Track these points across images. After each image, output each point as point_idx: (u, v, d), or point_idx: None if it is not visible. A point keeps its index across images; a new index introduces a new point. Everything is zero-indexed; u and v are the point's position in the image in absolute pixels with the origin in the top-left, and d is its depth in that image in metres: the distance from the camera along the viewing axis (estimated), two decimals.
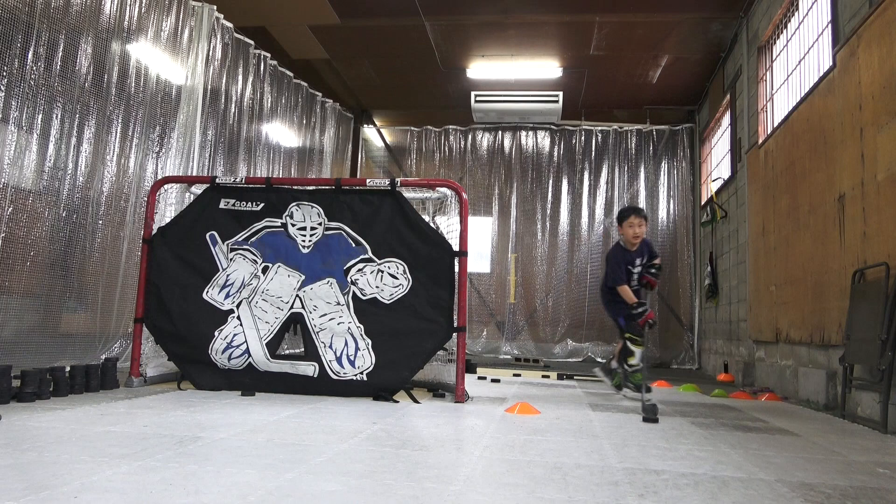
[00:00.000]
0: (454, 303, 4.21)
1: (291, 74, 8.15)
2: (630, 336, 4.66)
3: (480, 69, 8.86)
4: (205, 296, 4.35)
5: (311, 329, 4.24)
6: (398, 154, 11.22)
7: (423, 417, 3.44)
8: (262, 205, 4.45)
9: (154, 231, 4.53)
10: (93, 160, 5.07)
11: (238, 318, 4.29)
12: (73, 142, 4.88)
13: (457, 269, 4.24)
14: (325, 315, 4.25)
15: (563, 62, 8.63)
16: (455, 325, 4.19)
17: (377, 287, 4.25)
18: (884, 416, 3.53)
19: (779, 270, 5.82)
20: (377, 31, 8.00)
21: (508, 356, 9.88)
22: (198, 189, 4.73)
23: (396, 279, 4.25)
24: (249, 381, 4.20)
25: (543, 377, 6.57)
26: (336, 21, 7.68)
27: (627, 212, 4.90)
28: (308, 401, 3.88)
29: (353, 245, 4.32)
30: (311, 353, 4.20)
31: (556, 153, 10.60)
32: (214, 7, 6.14)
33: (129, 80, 5.40)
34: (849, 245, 4.37)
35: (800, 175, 5.35)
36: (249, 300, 4.32)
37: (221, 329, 4.28)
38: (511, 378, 6.20)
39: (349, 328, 4.20)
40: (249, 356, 4.22)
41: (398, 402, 3.95)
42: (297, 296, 4.30)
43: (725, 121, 8.47)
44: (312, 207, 4.40)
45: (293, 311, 4.29)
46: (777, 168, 5.95)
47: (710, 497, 2.00)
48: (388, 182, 4.35)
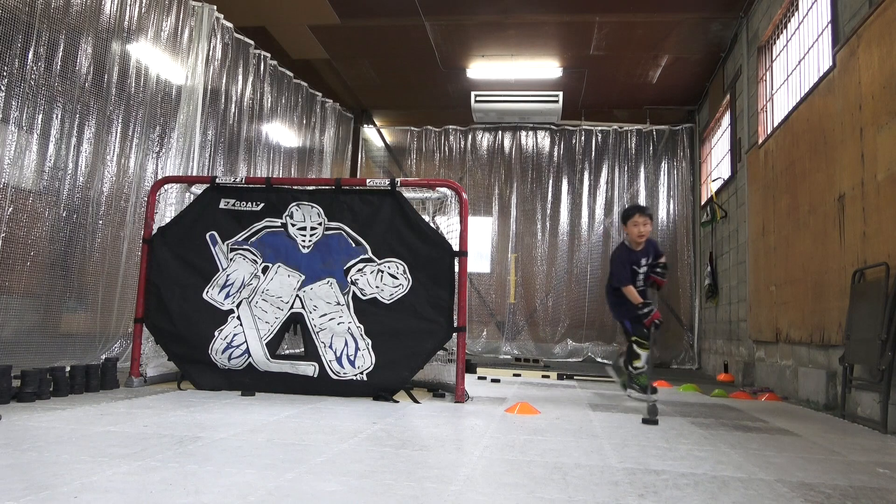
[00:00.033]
0: (454, 303, 4.21)
1: (291, 74, 8.15)
2: (636, 339, 4.63)
3: (480, 69, 8.86)
4: (205, 296, 4.35)
5: (311, 329, 4.24)
6: (398, 154, 11.22)
7: (423, 417, 3.44)
8: (262, 205, 4.45)
9: (154, 231, 4.53)
10: (93, 160, 5.07)
11: (238, 318, 4.29)
12: (74, 142, 4.88)
13: (457, 269, 4.24)
14: (325, 315, 4.25)
15: (563, 62, 8.63)
16: (455, 325, 4.19)
17: (377, 287, 4.25)
18: (884, 416, 3.53)
19: (779, 270, 5.82)
20: (377, 31, 8.00)
21: (508, 356, 9.88)
22: (198, 189, 4.73)
23: (396, 279, 4.25)
24: (249, 381, 4.20)
25: (543, 377, 6.58)
26: (336, 21, 7.68)
27: (632, 210, 4.81)
28: (308, 401, 3.88)
29: (353, 245, 4.32)
30: (311, 353, 4.20)
31: (556, 153, 10.60)
32: (214, 7, 6.14)
33: (129, 80, 5.39)
34: (849, 245, 4.37)
35: (800, 175, 5.35)
36: (249, 300, 4.32)
37: (221, 329, 4.28)
38: (511, 378, 6.21)
39: (349, 328, 4.20)
40: (249, 356, 4.23)
41: (398, 402, 3.95)
42: (297, 296, 4.30)
43: (725, 121, 8.47)
44: (312, 207, 4.40)
45: (293, 311, 4.29)
46: (777, 168, 5.95)
47: (710, 497, 2.01)
48: (388, 182, 4.35)
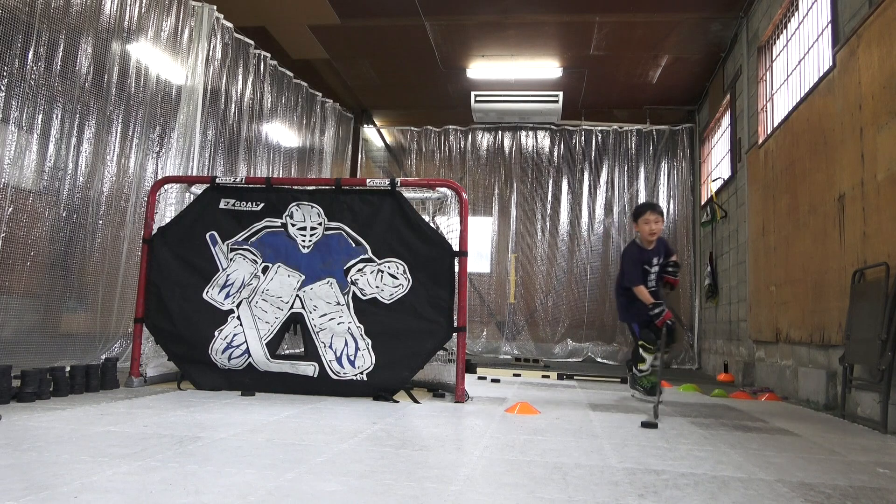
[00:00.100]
0: (454, 303, 4.21)
1: (291, 74, 8.15)
2: (643, 343, 4.58)
3: (480, 69, 8.86)
4: (205, 296, 4.35)
5: (311, 329, 4.24)
6: (398, 154, 11.22)
7: (423, 417, 3.44)
8: (262, 205, 4.45)
9: (154, 231, 4.53)
10: (93, 160, 5.07)
11: (238, 318, 4.29)
12: (74, 142, 4.88)
13: (457, 269, 4.24)
14: (325, 315, 4.25)
15: (563, 62, 8.63)
16: (455, 325, 4.19)
17: (377, 287, 4.25)
18: (884, 416, 3.53)
19: (779, 270, 5.82)
20: (377, 31, 8.00)
21: (508, 356, 9.88)
22: (198, 189, 4.73)
23: (396, 279, 4.25)
24: (249, 381, 4.20)
25: (543, 377, 6.57)
26: (336, 21, 7.68)
27: (643, 208, 4.68)
28: (308, 401, 3.88)
29: (353, 245, 4.32)
30: (311, 353, 4.20)
31: (556, 153, 10.60)
32: (214, 7, 6.14)
33: (129, 80, 5.39)
34: (849, 245, 4.37)
35: (800, 175, 5.35)
36: (249, 300, 4.32)
37: (221, 329, 4.28)
38: (511, 378, 6.20)
39: (349, 328, 4.20)
40: (249, 356, 4.22)
41: (398, 402, 3.95)
42: (297, 296, 4.30)
43: (725, 121, 8.47)
44: (312, 207, 4.40)
45: (293, 311, 4.29)
46: (777, 168, 5.95)
47: (710, 497, 2.01)
48: (388, 182, 4.35)
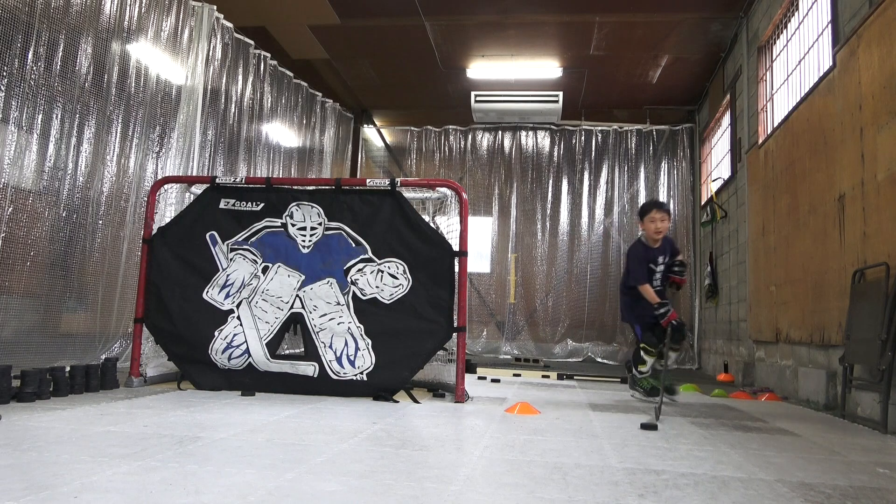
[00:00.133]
0: (454, 303, 4.21)
1: (291, 74, 8.15)
2: (644, 346, 4.56)
3: (480, 69, 8.85)
4: (205, 296, 4.35)
5: (311, 329, 4.24)
6: (398, 154, 11.22)
7: (423, 417, 3.44)
8: (262, 205, 4.45)
9: (154, 231, 4.53)
10: (93, 160, 5.07)
11: (238, 318, 4.29)
12: (73, 142, 4.88)
13: (457, 269, 4.24)
14: (325, 315, 4.25)
15: (563, 62, 8.62)
16: (455, 325, 4.19)
17: (377, 287, 4.25)
18: (884, 416, 3.53)
19: (779, 270, 5.82)
20: (377, 31, 8.00)
21: (508, 356, 9.88)
22: (198, 189, 4.73)
23: (396, 279, 4.25)
24: (249, 381, 4.20)
25: (543, 377, 6.57)
26: (336, 21, 7.68)
27: (649, 206, 4.61)
28: (308, 401, 3.88)
29: (353, 245, 4.32)
30: (311, 353, 4.20)
31: (556, 153, 10.60)
32: (214, 7, 6.14)
33: (129, 81, 5.39)
34: (849, 245, 4.37)
35: (800, 175, 5.35)
36: (249, 300, 4.32)
37: (221, 329, 4.28)
38: (511, 378, 6.20)
39: (349, 328, 4.20)
40: (249, 356, 4.22)
41: (398, 402, 3.95)
42: (297, 296, 4.30)
43: (725, 121, 8.47)
44: (312, 207, 4.40)
45: (293, 311, 4.29)
46: (777, 168, 5.95)
47: (710, 497, 2.01)
48: (388, 182, 4.35)
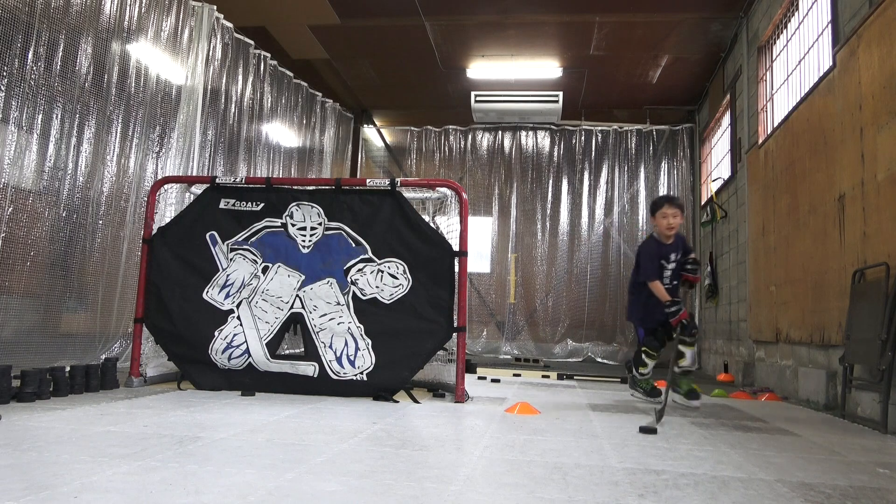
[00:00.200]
0: (454, 303, 4.21)
1: (291, 74, 8.15)
2: (646, 349, 4.50)
3: (480, 69, 8.85)
4: (205, 296, 4.35)
5: (311, 329, 4.24)
6: (398, 154, 11.22)
7: (423, 417, 3.44)
8: (262, 205, 4.45)
9: (154, 231, 4.53)
10: (93, 160, 5.07)
11: (238, 318, 4.29)
12: (73, 142, 4.88)
13: (457, 269, 4.24)
14: (325, 315, 4.25)
15: (563, 62, 8.62)
16: (455, 325, 4.19)
17: (377, 287, 4.25)
18: (884, 416, 3.53)
19: (779, 270, 5.82)
20: (377, 31, 8.00)
21: (508, 356, 9.88)
22: (198, 189, 4.73)
23: (396, 279, 4.25)
24: (249, 381, 4.20)
25: (543, 377, 6.57)
26: (336, 21, 7.68)
27: (661, 201, 4.47)
28: (308, 401, 3.88)
29: (353, 245, 4.32)
30: (311, 353, 4.20)
31: (556, 153, 10.60)
32: (214, 7, 6.14)
33: (129, 80, 5.39)
34: (849, 245, 4.37)
35: (800, 175, 5.35)
36: (249, 300, 4.32)
37: (221, 329, 4.28)
38: (511, 378, 6.20)
39: (349, 328, 4.20)
40: (249, 356, 4.22)
41: (398, 402, 3.95)
42: (297, 296, 4.30)
43: (725, 121, 8.47)
44: (312, 207, 4.40)
45: (293, 311, 4.29)
46: (777, 168, 5.95)
47: (710, 497, 2.00)
48: (388, 182, 4.35)
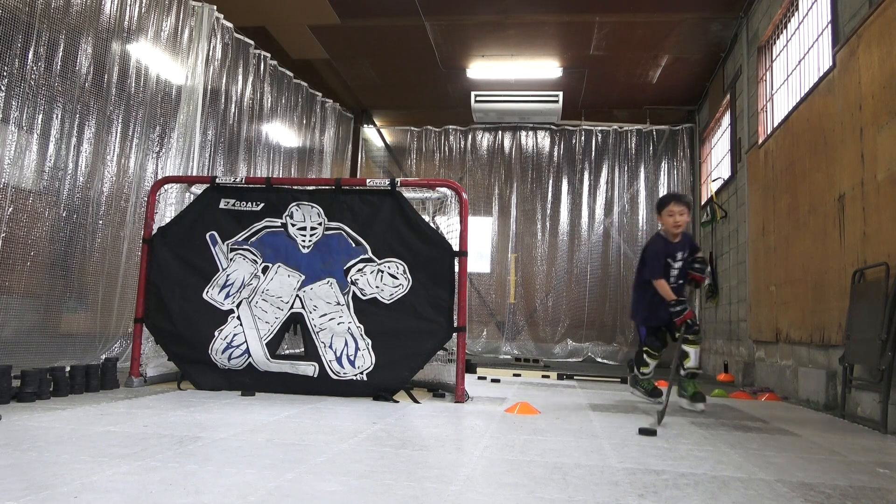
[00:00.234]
0: (454, 303, 4.21)
1: (291, 74, 8.15)
2: (647, 350, 4.47)
3: (480, 69, 8.85)
4: (205, 296, 4.35)
5: (311, 329, 4.24)
6: (398, 154, 11.22)
7: (423, 417, 3.44)
8: (262, 205, 4.45)
9: (154, 231, 4.53)
10: (93, 160, 5.07)
11: (238, 318, 4.29)
12: (74, 142, 4.88)
13: (457, 269, 4.24)
14: (325, 315, 4.25)
15: (563, 62, 8.62)
16: (455, 325, 4.19)
17: (377, 287, 4.25)
18: (884, 416, 3.53)
19: (779, 270, 5.82)
20: (377, 31, 8.00)
21: (508, 356, 9.88)
22: (198, 189, 4.73)
23: (396, 279, 4.25)
24: (249, 381, 4.20)
25: (543, 377, 6.57)
26: (336, 21, 7.68)
27: (668, 199, 4.41)
28: (308, 401, 3.88)
29: (353, 245, 4.32)
30: (311, 353, 4.20)
31: (556, 153, 10.60)
32: (214, 7, 6.14)
33: (130, 81, 5.39)
34: (849, 245, 4.37)
35: (800, 175, 5.35)
36: (249, 300, 4.32)
37: (221, 329, 4.28)
38: (511, 378, 6.20)
39: (349, 328, 4.20)
40: (249, 356, 4.22)
41: (398, 402, 3.95)
42: (297, 296, 4.30)
43: (725, 121, 8.47)
44: (312, 207, 4.40)
45: (293, 311, 4.29)
46: (777, 168, 5.95)
47: (710, 497, 2.01)
48: (388, 182, 4.35)
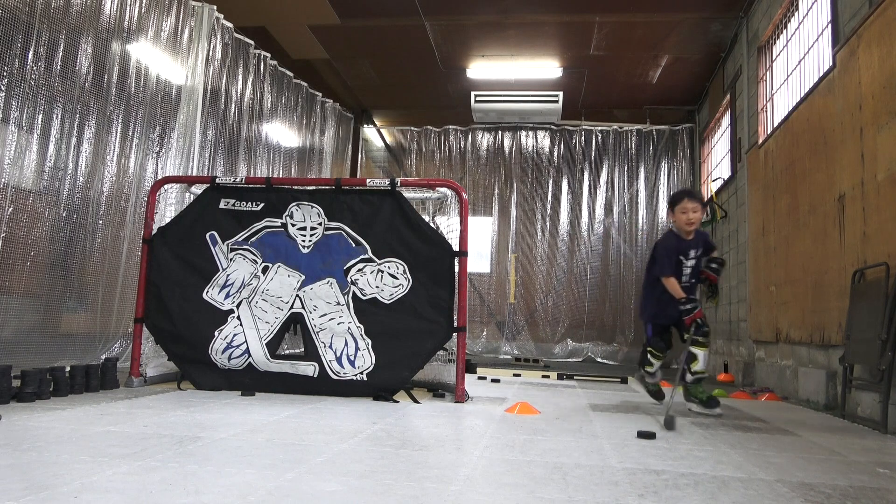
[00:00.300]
0: (454, 303, 4.21)
1: (291, 74, 8.15)
2: (651, 350, 4.45)
3: (480, 69, 8.85)
4: (205, 296, 4.35)
5: (311, 329, 4.24)
6: (398, 154, 11.22)
7: (423, 417, 3.44)
8: (262, 205, 4.45)
9: (154, 231, 4.53)
10: (93, 160, 5.07)
11: (238, 318, 4.29)
12: (74, 142, 4.88)
13: (457, 269, 4.24)
14: (325, 315, 4.25)
15: (563, 62, 8.62)
16: (455, 325, 4.19)
17: (377, 287, 4.25)
18: (884, 416, 3.53)
19: (779, 270, 5.82)
20: (377, 31, 8.00)
21: (508, 356, 9.88)
22: (198, 189, 4.73)
23: (396, 279, 4.25)
24: (249, 381, 4.20)
25: (543, 377, 6.57)
26: (336, 21, 7.68)
27: (680, 195, 4.31)
28: (308, 401, 3.88)
29: (353, 245, 4.32)
30: (311, 353, 4.20)
31: (556, 153, 10.60)
32: (214, 7, 6.14)
33: (129, 81, 5.39)
34: (849, 245, 4.37)
35: (800, 175, 5.35)
36: (249, 300, 4.32)
37: (221, 329, 4.28)
38: (511, 378, 6.20)
39: (349, 328, 4.20)
40: (249, 356, 4.22)
41: (398, 402, 3.95)
42: (297, 296, 4.30)
43: (725, 121, 8.47)
44: (312, 207, 4.40)
45: (293, 311, 4.29)
46: (777, 168, 5.95)
47: (710, 497, 2.01)
48: (388, 182, 4.35)
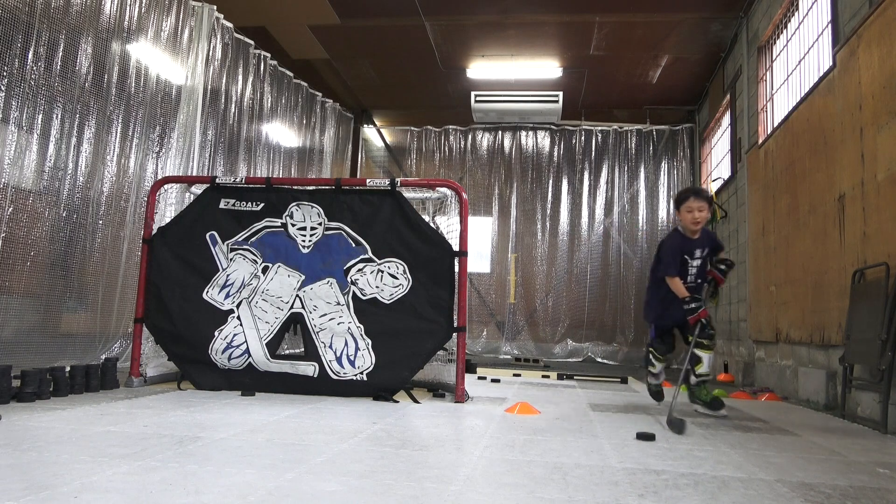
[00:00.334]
0: (454, 303, 4.21)
1: (291, 74, 8.15)
2: (653, 351, 4.44)
3: (480, 69, 8.85)
4: (205, 296, 4.35)
5: (311, 329, 4.24)
6: (398, 154, 11.22)
7: (423, 417, 3.44)
8: (262, 205, 4.45)
9: (154, 231, 4.53)
10: (93, 160, 5.07)
11: (238, 318, 4.29)
12: (74, 142, 4.88)
13: (457, 269, 4.24)
14: (325, 315, 4.25)
15: (563, 62, 8.62)
16: (455, 325, 4.19)
17: (377, 287, 4.25)
18: (884, 416, 3.53)
19: (779, 270, 5.82)
20: (377, 31, 8.00)
21: (508, 356, 9.88)
22: (198, 189, 4.73)
23: (396, 279, 4.25)
24: (249, 381, 4.20)
25: (543, 377, 6.57)
26: (336, 21, 7.68)
27: (686, 193, 4.23)
28: (308, 401, 3.88)
29: (353, 245, 4.32)
30: (311, 353, 4.20)
31: (556, 153, 10.60)
32: (214, 7, 6.14)
33: (129, 81, 5.39)
34: (849, 245, 4.37)
35: (800, 175, 5.35)
36: (249, 300, 4.32)
37: (221, 329, 4.28)
38: (511, 378, 6.20)
39: (349, 328, 4.20)
40: (249, 356, 4.22)
41: (398, 402, 3.95)
42: (297, 296, 4.30)
43: (725, 121, 8.47)
44: (312, 207, 4.40)
45: (293, 311, 4.29)
46: (777, 168, 5.95)
47: (710, 497, 2.01)
48: (388, 182, 4.35)
